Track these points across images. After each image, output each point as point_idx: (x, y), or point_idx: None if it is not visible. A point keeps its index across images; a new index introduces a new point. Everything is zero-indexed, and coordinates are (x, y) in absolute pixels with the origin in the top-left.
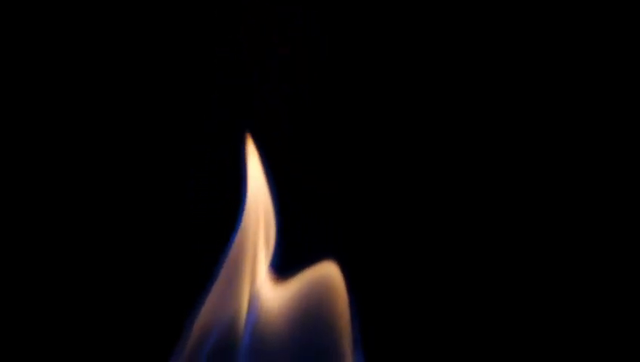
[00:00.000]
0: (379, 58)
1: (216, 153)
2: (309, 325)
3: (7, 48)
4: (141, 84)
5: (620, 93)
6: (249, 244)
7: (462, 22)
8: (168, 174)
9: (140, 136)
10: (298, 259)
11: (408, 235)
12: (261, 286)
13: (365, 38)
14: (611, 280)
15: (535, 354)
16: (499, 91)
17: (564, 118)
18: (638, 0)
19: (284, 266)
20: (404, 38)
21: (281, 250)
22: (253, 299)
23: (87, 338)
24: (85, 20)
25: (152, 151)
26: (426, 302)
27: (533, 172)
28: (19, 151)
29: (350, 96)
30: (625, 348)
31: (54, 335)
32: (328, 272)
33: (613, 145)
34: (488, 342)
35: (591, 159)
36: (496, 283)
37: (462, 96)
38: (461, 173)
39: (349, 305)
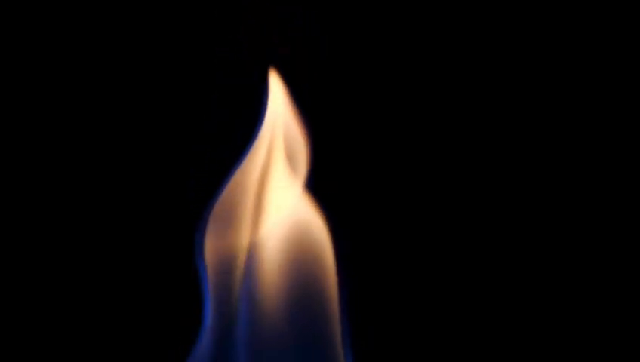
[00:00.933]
0: (379, 58)
1: (216, 153)
2: (300, 290)
3: (7, 48)
4: (141, 84)
5: (620, 93)
6: (257, 170)
7: (461, 22)
8: (168, 174)
9: (141, 136)
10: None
11: (401, 226)
12: (261, 241)
13: (365, 39)
14: (611, 280)
15: (528, 351)
16: (498, 92)
17: (564, 118)
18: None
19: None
20: (403, 38)
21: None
22: (251, 255)
23: (87, 337)
24: (86, 20)
25: (152, 151)
26: (416, 293)
27: (528, 171)
28: (19, 150)
29: (350, 96)
30: (625, 348)
31: (54, 334)
32: (316, 233)
33: (613, 145)
34: (480, 335)
35: (591, 159)
36: (488, 277)
37: (461, 96)
38: (456, 166)
39: (338, 280)
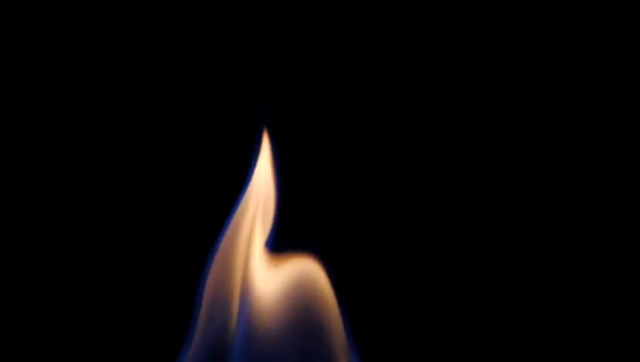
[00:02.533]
0: (378, 58)
1: (216, 153)
2: (299, 324)
3: (7, 48)
4: (142, 84)
5: (620, 93)
6: (244, 231)
7: (461, 23)
8: (168, 174)
9: (141, 136)
10: (290, 247)
11: (394, 234)
12: (254, 280)
13: (364, 39)
14: (611, 280)
15: (524, 351)
16: (496, 93)
17: (564, 118)
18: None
19: (277, 252)
20: (403, 38)
21: (276, 238)
22: (246, 293)
23: (86, 338)
24: (86, 20)
25: (152, 152)
26: (415, 299)
27: (518, 177)
28: (19, 149)
29: (349, 96)
30: (625, 348)
31: (54, 335)
32: (313, 273)
33: (614, 145)
34: (474, 340)
35: (591, 159)
36: (483, 282)
37: (451, 98)
38: (449, 169)
39: (338, 305)
